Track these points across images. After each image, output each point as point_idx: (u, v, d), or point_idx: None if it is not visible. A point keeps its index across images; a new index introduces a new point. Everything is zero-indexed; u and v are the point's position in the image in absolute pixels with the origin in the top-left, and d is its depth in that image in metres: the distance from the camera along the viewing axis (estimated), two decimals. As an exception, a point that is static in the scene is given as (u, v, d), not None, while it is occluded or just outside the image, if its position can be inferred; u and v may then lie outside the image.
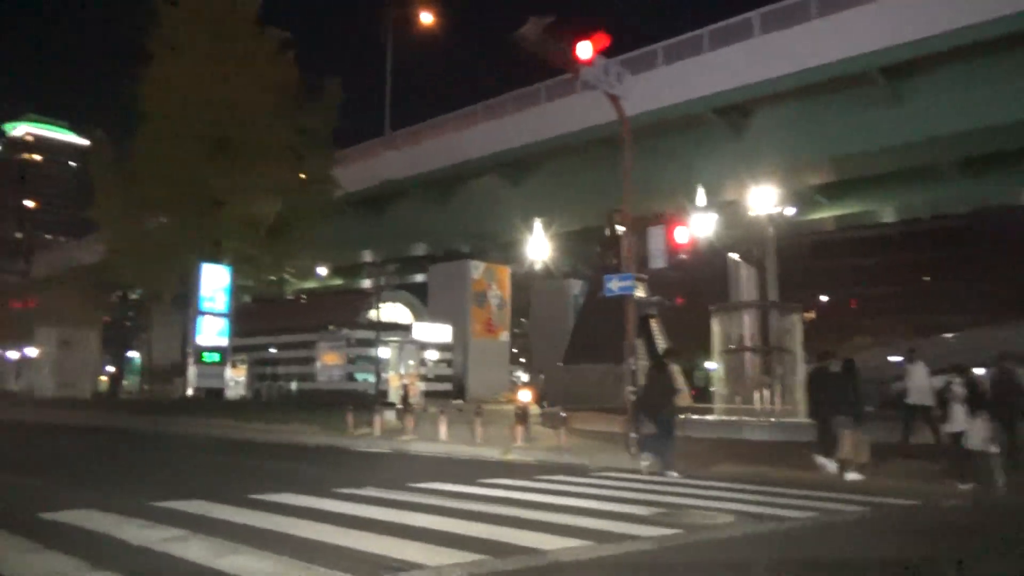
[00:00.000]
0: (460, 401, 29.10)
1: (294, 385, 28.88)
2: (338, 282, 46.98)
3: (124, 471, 10.82)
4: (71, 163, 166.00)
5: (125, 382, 50.01)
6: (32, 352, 46.83)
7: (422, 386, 21.46)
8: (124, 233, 26.14)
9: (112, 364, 36.16)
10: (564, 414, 13.88)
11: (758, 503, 7.99)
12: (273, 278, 28.02)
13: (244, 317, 29.13)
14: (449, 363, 29.74)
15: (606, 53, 12.41)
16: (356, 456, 13.46)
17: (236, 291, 26.25)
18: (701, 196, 30.98)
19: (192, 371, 25.02)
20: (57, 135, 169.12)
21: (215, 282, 25.21)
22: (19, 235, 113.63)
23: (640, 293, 28.95)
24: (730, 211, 24.41)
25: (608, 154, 30.78)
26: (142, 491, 8.50)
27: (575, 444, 13.62)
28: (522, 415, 13.97)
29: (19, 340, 53.04)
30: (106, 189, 27.08)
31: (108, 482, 9.60)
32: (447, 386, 28.72)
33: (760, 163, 28.24)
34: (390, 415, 16.77)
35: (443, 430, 14.67)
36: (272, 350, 29.77)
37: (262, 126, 25.51)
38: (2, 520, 6.37)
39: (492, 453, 13.05)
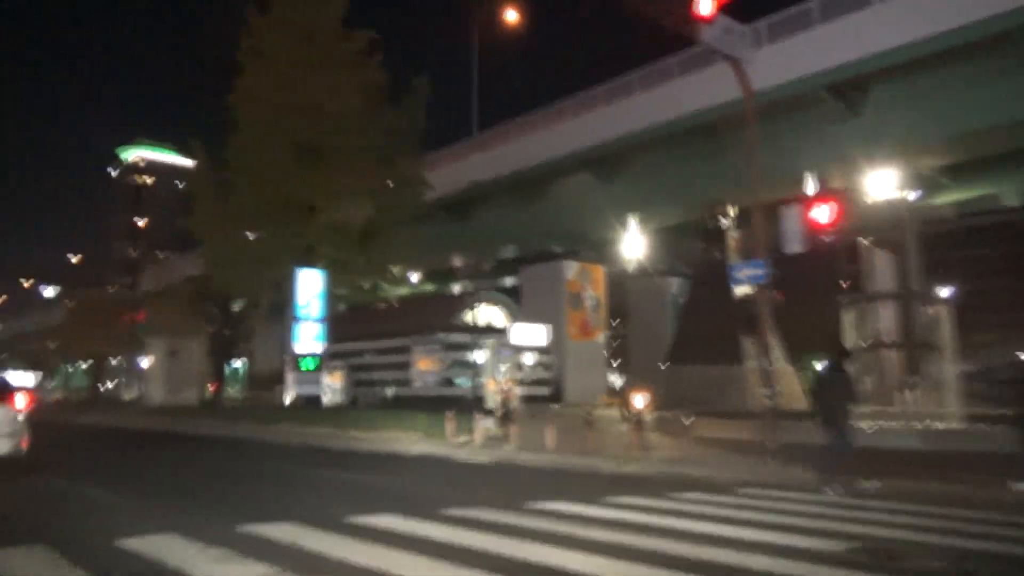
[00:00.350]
0: (557, 405, 27.91)
1: (390, 391, 28.43)
2: (428, 288, 46.74)
3: (216, 485, 10.14)
4: (177, 183, 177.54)
5: (230, 389, 51.51)
6: (143, 362, 48.89)
7: (519, 391, 20.38)
8: (222, 244, 26.40)
9: (216, 373, 36.92)
10: (688, 420, 12.40)
11: (970, 534, 6.37)
12: (366, 285, 27.65)
13: (340, 323, 28.98)
14: (547, 366, 28.56)
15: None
16: (459, 468, 12.42)
17: (331, 300, 25.99)
18: (811, 182, 28.70)
19: (290, 378, 24.87)
20: (165, 157, 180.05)
21: (310, 288, 25.01)
22: (132, 253, 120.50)
23: (747, 289, 27.19)
24: (853, 195, 22.20)
25: (703, 144, 28.94)
26: (233, 509, 7.71)
27: (700, 454, 12.15)
28: (638, 421, 12.58)
29: (132, 351, 55.68)
30: (204, 202, 27.53)
31: (198, 499, 8.90)
32: (544, 390, 27.55)
33: (879, 143, 25.83)
34: (489, 422, 15.75)
35: (550, 439, 13.48)
36: (368, 356, 29.44)
37: (350, 129, 25.18)
38: (78, 548, 5.59)
39: (607, 465, 11.74)
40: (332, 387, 26.88)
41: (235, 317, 37.65)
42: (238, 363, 69.41)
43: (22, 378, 68.07)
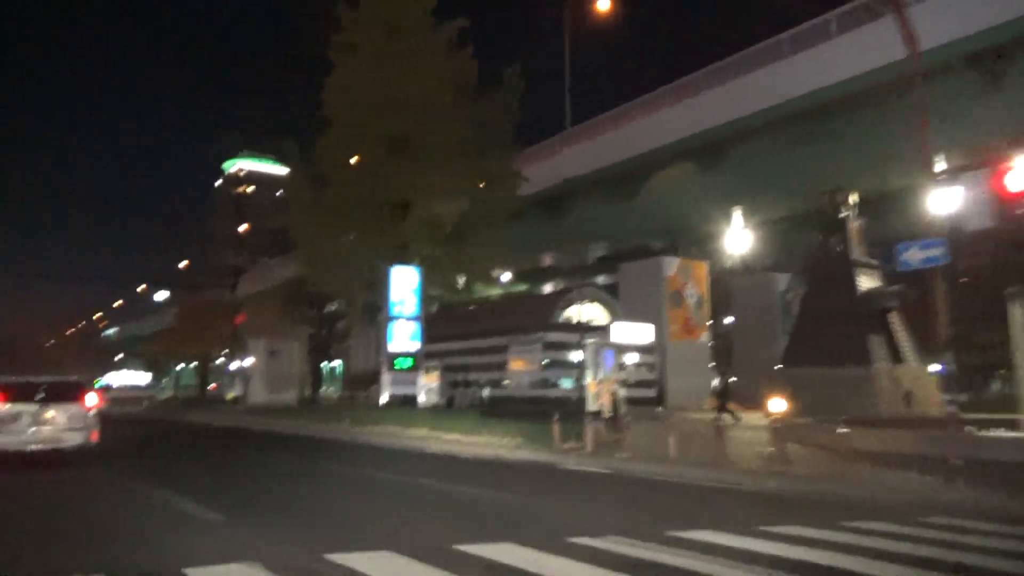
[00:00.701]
0: (660, 408, 26.24)
1: (486, 392, 27.52)
2: (521, 287, 45.73)
3: (304, 499, 9.24)
4: (274, 191, 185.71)
5: (330, 389, 52.14)
6: (245, 363, 50.15)
7: (624, 392, 18.97)
8: (316, 245, 26.16)
9: (313, 373, 37.14)
10: (841, 428, 10.67)
11: None
12: (459, 284, 26.80)
13: (435, 323, 28.28)
14: (651, 367, 26.92)
15: None
16: (572, 479, 11.14)
17: (425, 299, 25.26)
18: (942, 162, 25.78)
19: (386, 378, 24.28)
20: (263, 167, 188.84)
21: (404, 286, 24.35)
22: (234, 259, 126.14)
23: (873, 282, 24.59)
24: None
25: (815, 128, 26.63)
26: (319, 531, 6.74)
27: (851, 469, 10.40)
28: (779, 430, 10.94)
29: (234, 352, 57.39)
30: (299, 203, 27.37)
31: (282, 517, 7.96)
32: (648, 392, 25.93)
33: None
34: (599, 426, 14.43)
35: (672, 447, 12.03)
36: (463, 356, 28.63)
37: (440, 122, 24.38)
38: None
39: (741, 479, 10.19)
40: (428, 387, 26.15)
41: (331, 317, 37.80)
42: (334, 363, 71.00)
43: (136, 377, 71.95)
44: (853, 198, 23.82)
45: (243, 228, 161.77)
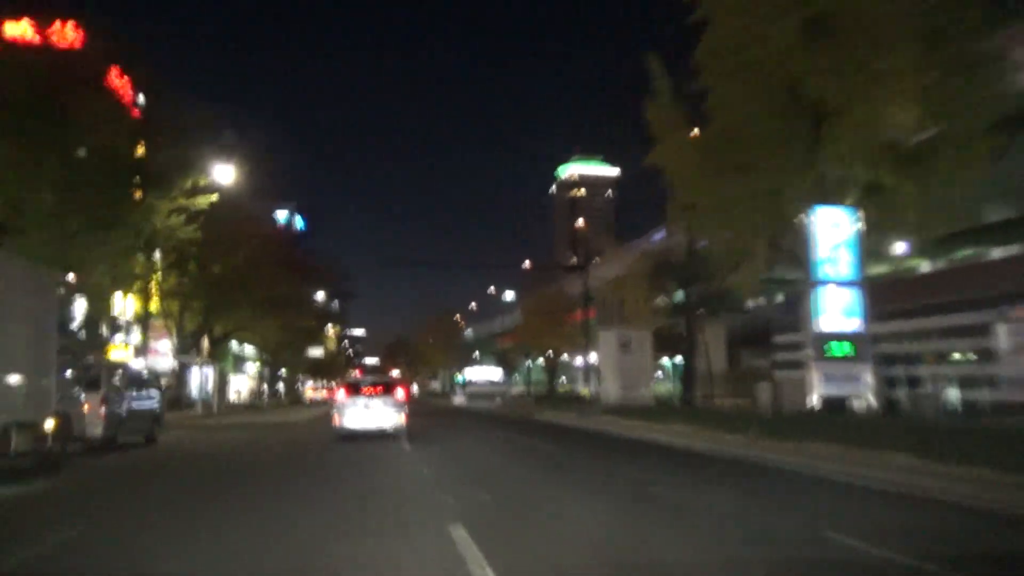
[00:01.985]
0: None
1: (954, 393, 18.47)
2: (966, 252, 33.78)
3: None
4: (606, 192, 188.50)
5: (668, 388, 46.09)
6: (593, 357, 46.33)
7: None
8: (698, 188, 19.37)
9: (686, 367, 30.71)
10: None
11: None
12: (919, 234, 17.96)
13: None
14: None
15: None
16: None
17: (863, 257, 17.01)
18: None
19: (815, 371, 16.60)
20: (594, 170, 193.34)
21: (833, 235, 16.66)
22: (572, 257, 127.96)
23: None
24: None
25: None
26: None
27: None
28: None
29: (582, 347, 54.61)
30: (671, 138, 20.68)
31: None
32: None
33: None
34: None
35: None
36: (912, 341, 19.74)
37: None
38: None
39: None
40: (862, 384, 17.91)
41: (707, 295, 31.13)
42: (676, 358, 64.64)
43: (492, 373, 73.98)
44: None
45: (578, 227, 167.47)
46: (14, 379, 10.30)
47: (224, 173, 28.10)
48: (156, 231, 24.52)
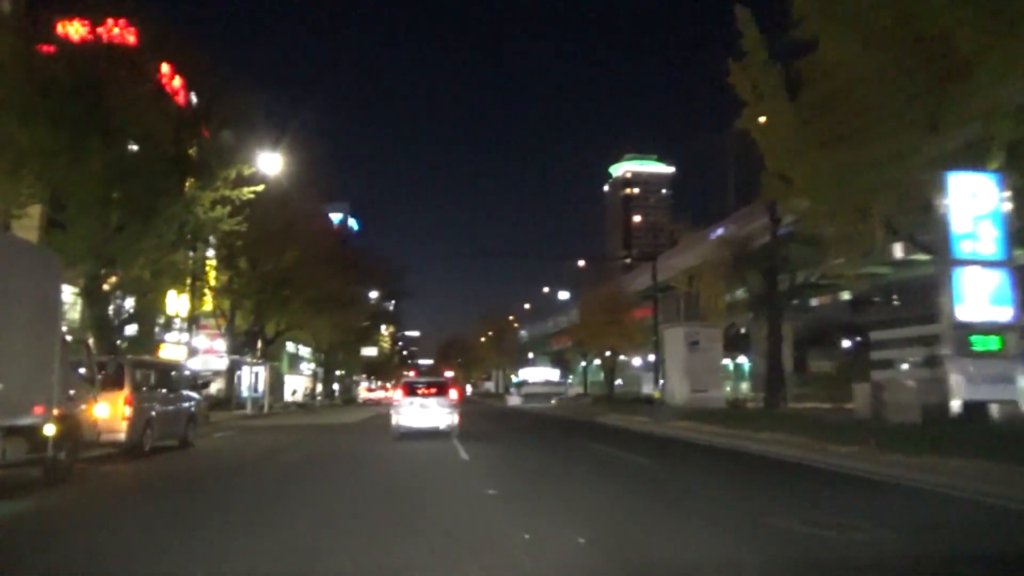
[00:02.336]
0: None
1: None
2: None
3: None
4: (660, 190, 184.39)
5: (726, 389, 43.03)
6: (655, 356, 43.81)
7: None
8: (803, 157, 16.53)
9: (771, 367, 27.79)
10: None
11: None
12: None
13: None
14: None
15: None
16: None
17: (1013, 232, 14.05)
18: None
19: (956, 374, 13.61)
20: (647, 168, 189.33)
21: (973, 205, 13.84)
22: (627, 254, 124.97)
23: None
24: None
25: None
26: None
27: None
28: None
29: (643, 347, 52.06)
30: (769, 100, 17.63)
31: None
32: None
33: None
34: None
35: None
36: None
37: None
38: None
39: None
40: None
41: (797, 287, 28.18)
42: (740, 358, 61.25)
43: (549, 373, 71.94)
44: None
45: (634, 224, 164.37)
46: None
47: (271, 163, 26.59)
48: (200, 223, 23.09)
